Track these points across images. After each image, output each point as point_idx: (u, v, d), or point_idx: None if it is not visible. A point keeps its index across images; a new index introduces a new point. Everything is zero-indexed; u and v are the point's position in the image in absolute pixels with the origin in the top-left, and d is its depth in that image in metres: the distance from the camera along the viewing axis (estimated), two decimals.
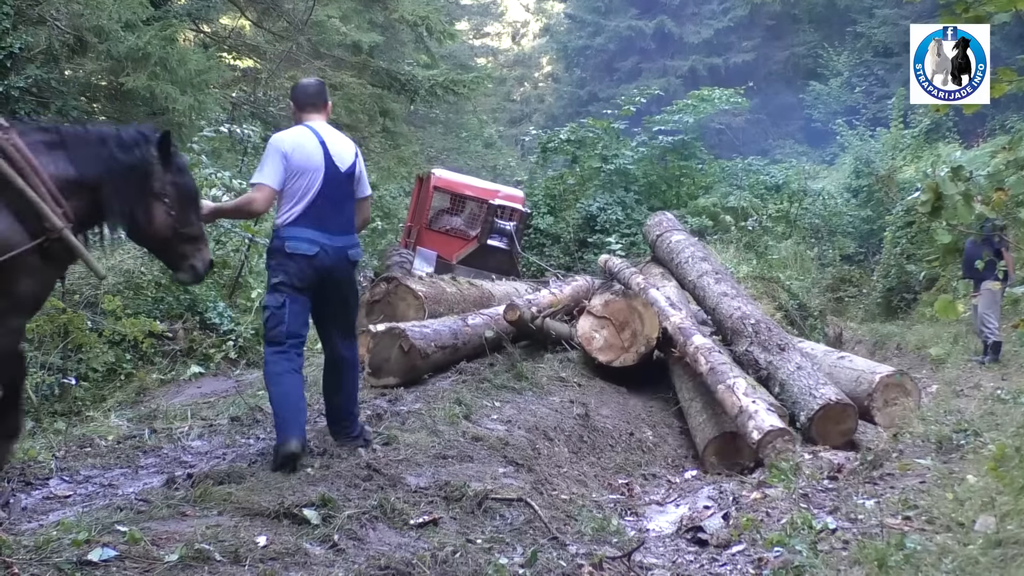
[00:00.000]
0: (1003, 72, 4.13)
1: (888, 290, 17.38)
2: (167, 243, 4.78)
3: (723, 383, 7.07)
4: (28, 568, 3.13)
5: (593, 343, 8.59)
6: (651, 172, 21.20)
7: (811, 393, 7.47)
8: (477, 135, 35.00)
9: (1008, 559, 3.55)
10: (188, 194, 4.78)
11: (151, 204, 4.62)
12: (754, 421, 6.40)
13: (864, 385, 8.00)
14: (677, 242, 11.51)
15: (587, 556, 4.13)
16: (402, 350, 7.41)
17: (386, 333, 7.51)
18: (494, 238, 14.37)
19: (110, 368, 7.00)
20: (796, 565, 4.00)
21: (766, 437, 6.18)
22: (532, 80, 52.86)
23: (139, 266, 7.88)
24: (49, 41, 11.68)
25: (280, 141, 5.19)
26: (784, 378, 7.82)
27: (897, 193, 18.75)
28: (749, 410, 6.55)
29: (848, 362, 8.71)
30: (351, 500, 4.23)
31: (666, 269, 11.52)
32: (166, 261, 5.06)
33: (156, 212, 4.63)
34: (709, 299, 9.65)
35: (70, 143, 4.42)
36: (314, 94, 5.41)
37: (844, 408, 7.33)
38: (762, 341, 8.39)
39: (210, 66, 13.50)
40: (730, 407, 6.84)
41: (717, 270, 10.47)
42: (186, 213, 4.73)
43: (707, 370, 7.40)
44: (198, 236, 4.84)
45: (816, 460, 6.14)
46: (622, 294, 8.99)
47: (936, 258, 14.54)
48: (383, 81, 19.30)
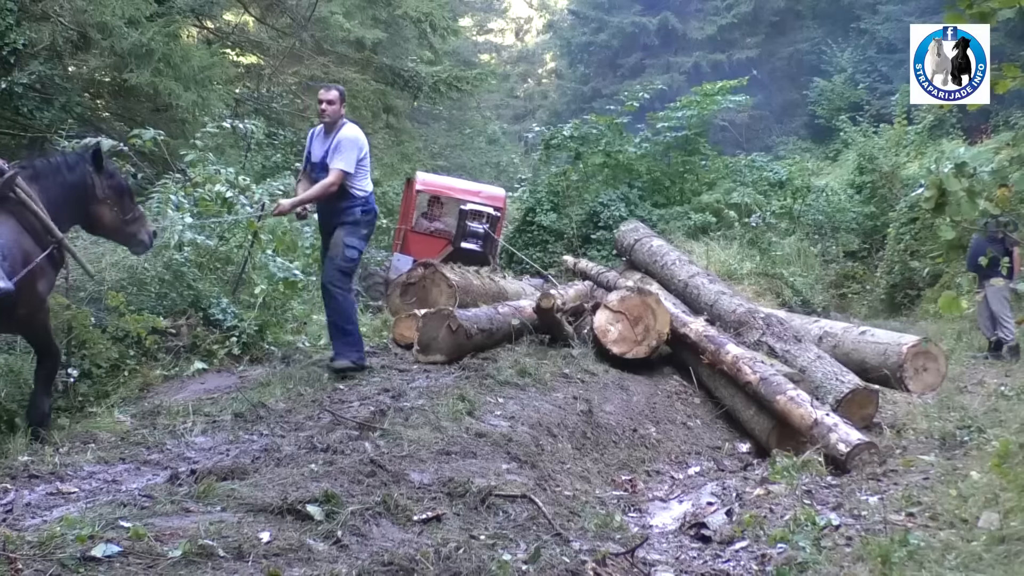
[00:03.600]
0: (1007, 68, 4.12)
1: (892, 286, 17.37)
2: (118, 231, 6.25)
3: (782, 394, 7.28)
4: (32, 564, 3.13)
5: (608, 335, 8.97)
6: (655, 168, 21.17)
7: (838, 379, 7.88)
8: (480, 132, 34.98)
9: (1012, 555, 3.55)
10: (122, 191, 6.17)
11: (99, 208, 6.03)
12: (836, 434, 6.49)
13: (893, 357, 8.45)
14: (659, 246, 12.27)
15: (590, 552, 4.12)
16: (450, 329, 8.21)
17: (435, 314, 8.38)
18: (468, 240, 14.51)
19: (114, 364, 6.99)
20: (799, 561, 4.00)
21: (854, 450, 6.27)
22: (536, 76, 52.87)
23: (142, 262, 7.87)
24: (53, 37, 11.67)
25: (358, 135, 7.30)
26: (805, 365, 8.20)
27: (901, 189, 18.73)
28: (827, 423, 6.67)
29: (871, 336, 9.12)
30: (354, 496, 4.23)
31: (647, 273, 12.16)
32: (120, 243, 6.60)
33: (103, 212, 6.07)
34: (705, 297, 10.17)
35: (41, 173, 5.75)
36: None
37: (870, 395, 7.73)
38: (776, 332, 8.84)
39: (213, 62, 13.49)
40: (799, 419, 6.97)
41: (708, 271, 11.23)
42: (124, 205, 6.15)
43: (757, 380, 7.65)
44: (138, 217, 6.31)
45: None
46: (637, 291, 9.28)
47: (940, 254, 14.52)
48: (386, 77, 19.30)
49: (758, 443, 7.69)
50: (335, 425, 5.82)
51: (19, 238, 5.37)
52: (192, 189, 9.03)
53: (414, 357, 8.24)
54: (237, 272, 8.65)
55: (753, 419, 7.83)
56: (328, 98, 7.29)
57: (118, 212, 6.11)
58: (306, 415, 6.13)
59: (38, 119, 11.71)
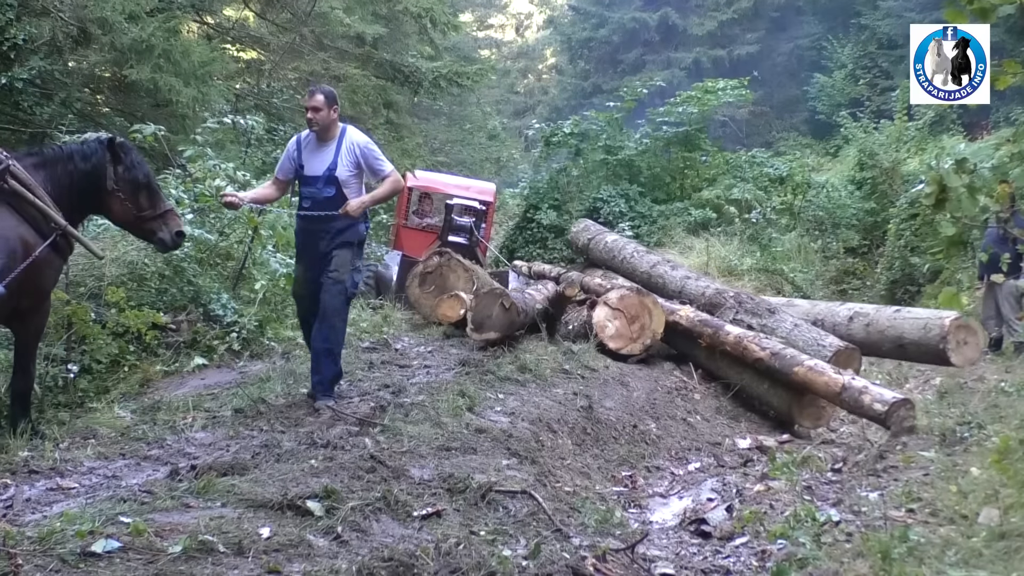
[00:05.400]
0: (1008, 64, 4.11)
1: (892, 282, 17.32)
2: (132, 227, 6.07)
3: (800, 365, 7.81)
4: (32, 559, 3.14)
5: (605, 331, 9.32)
6: (655, 164, 21.15)
7: (819, 343, 8.51)
8: (481, 127, 34.87)
9: (1012, 551, 3.55)
10: (137, 185, 5.87)
11: (110, 200, 5.82)
12: (869, 395, 6.96)
13: (935, 331, 8.62)
14: (613, 241, 12.91)
15: (590, 548, 4.13)
16: (503, 307, 8.71)
17: (488, 293, 8.94)
18: (455, 234, 14.62)
19: (114, 360, 6.99)
20: (799, 557, 4.00)
21: (892, 408, 6.52)
22: (536, 72, 52.75)
23: (142, 258, 7.86)
24: (53, 32, 11.65)
25: (367, 138, 6.62)
26: (785, 335, 8.76)
27: (901, 185, 18.68)
28: (856, 386, 7.09)
29: (907, 313, 9.46)
30: (355, 492, 4.23)
31: (608, 269, 12.74)
32: (140, 238, 6.49)
33: (113, 205, 5.85)
34: (672, 284, 10.76)
35: (50, 161, 5.63)
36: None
37: (851, 352, 8.41)
38: (748, 308, 9.45)
39: (214, 58, 13.47)
40: (824, 387, 7.47)
41: (669, 259, 11.88)
42: (138, 200, 5.87)
43: (768, 356, 8.17)
44: (158, 215, 5.96)
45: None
46: (636, 291, 9.74)
47: (940, 250, 14.51)
48: (387, 73, 19.24)
49: (778, 416, 8.32)
50: (335, 421, 5.83)
51: (17, 229, 5.24)
52: (192, 185, 9.02)
53: (468, 335, 8.84)
54: (237, 268, 8.65)
55: (768, 393, 8.29)
56: (313, 105, 6.41)
57: (131, 207, 5.84)
58: (306, 411, 6.14)
59: (38, 114, 11.69)
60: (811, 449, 6.31)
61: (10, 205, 5.26)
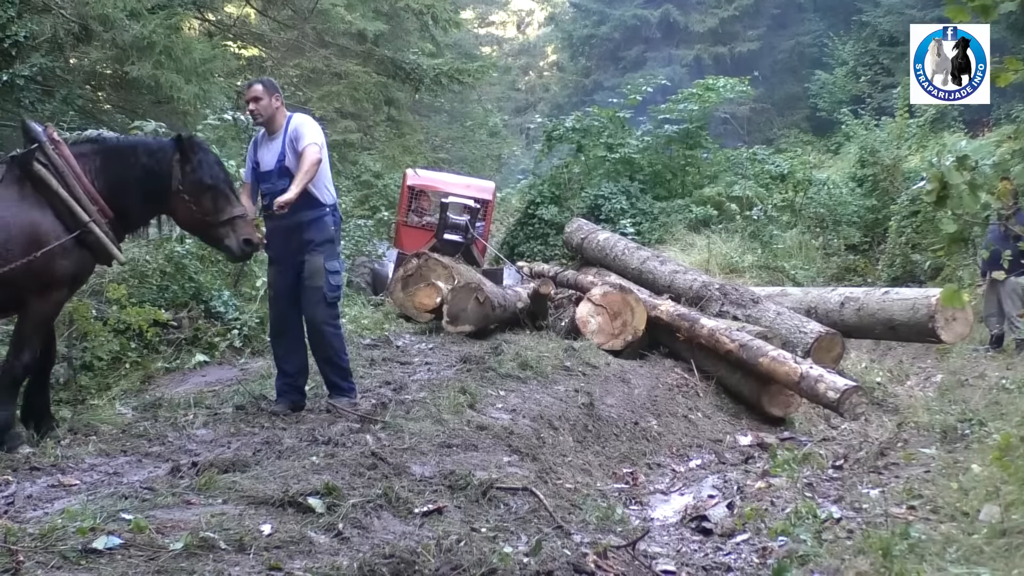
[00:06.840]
0: (1010, 61, 4.10)
1: (893, 279, 17.30)
2: (198, 231, 5.71)
3: (764, 356, 8.01)
4: (33, 556, 3.14)
5: (588, 327, 9.48)
6: (656, 161, 21.14)
7: (800, 331, 8.79)
8: (482, 124, 34.86)
9: (1012, 548, 3.55)
10: (203, 187, 5.41)
11: (174, 201, 5.41)
12: (824, 384, 7.22)
13: (923, 310, 8.98)
14: (606, 239, 13.08)
15: (591, 545, 4.12)
16: (478, 301, 8.92)
17: (463, 287, 9.10)
18: (451, 232, 14.65)
19: (115, 356, 7.00)
20: (800, 554, 4.00)
21: (843, 395, 6.72)
22: (537, 69, 52.70)
23: (144, 255, 7.87)
24: (54, 29, 11.65)
25: (314, 122, 6.18)
26: (768, 324, 9.04)
27: (902, 183, 18.67)
28: (812, 375, 7.43)
29: (895, 295, 9.72)
30: (356, 489, 4.23)
31: (602, 266, 12.89)
32: (208, 244, 6.18)
33: (177, 207, 5.44)
34: (661, 279, 10.93)
35: (106, 152, 5.31)
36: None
37: (832, 337, 8.70)
38: (733, 300, 9.70)
39: (215, 55, 13.48)
40: (785, 376, 7.75)
41: (658, 254, 12.19)
42: (204, 204, 5.42)
43: (736, 347, 8.34)
44: (227, 220, 5.48)
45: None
46: (619, 288, 9.85)
47: (941, 247, 14.46)
48: (388, 70, 19.24)
49: (749, 405, 8.50)
50: (336, 418, 5.84)
51: (29, 215, 4.95)
52: None
53: (443, 328, 8.97)
54: (238, 265, 8.66)
55: (740, 383, 8.49)
56: (253, 95, 6.09)
57: (196, 210, 5.41)
58: (307, 407, 6.14)
59: (40, 111, 11.68)
60: (812, 446, 6.30)
61: (35, 189, 4.99)
